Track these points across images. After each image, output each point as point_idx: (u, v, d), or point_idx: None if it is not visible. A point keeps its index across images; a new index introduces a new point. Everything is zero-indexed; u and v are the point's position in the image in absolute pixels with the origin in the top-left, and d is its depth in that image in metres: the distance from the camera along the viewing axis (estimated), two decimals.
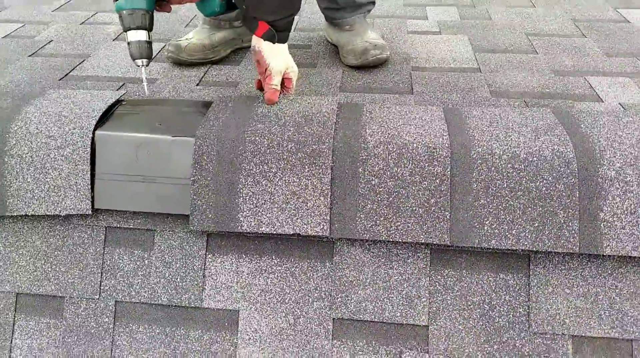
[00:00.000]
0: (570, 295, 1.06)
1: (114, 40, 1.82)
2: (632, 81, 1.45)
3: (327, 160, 1.09)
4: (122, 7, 0.97)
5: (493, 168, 1.06)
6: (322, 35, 1.81)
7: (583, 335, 1.05)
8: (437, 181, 1.06)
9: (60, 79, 1.53)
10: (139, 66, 1.05)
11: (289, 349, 1.11)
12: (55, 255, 1.20)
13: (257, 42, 1.23)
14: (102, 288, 1.18)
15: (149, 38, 1.01)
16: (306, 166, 1.09)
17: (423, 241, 1.06)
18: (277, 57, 1.23)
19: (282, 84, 1.27)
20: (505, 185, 1.05)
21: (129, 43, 1.01)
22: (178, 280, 1.16)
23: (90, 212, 1.15)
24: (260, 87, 1.30)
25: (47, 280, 1.20)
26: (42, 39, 1.84)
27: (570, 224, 1.03)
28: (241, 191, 1.10)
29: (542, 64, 1.58)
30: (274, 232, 1.09)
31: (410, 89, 1.45)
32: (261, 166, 1.10)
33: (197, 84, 1.50)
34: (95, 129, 1.17)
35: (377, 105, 1.25)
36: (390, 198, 1.07)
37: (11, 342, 1.19)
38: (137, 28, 1.00)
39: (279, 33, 1.22)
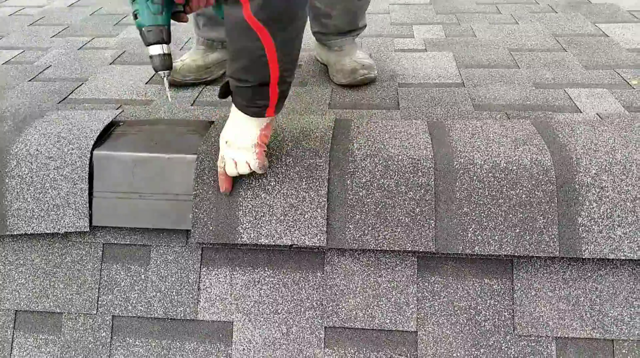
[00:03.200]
0: (552, 297, 1.10)
1: (110, 64, 1.88)
2: (609, 91, 1.51)
3: (324, 173, 1.13)
4: (143, 25, 1.07)
5: (475, 177, 1.10)
6: (312, 55, 1.87)
7: (566, 336, 1.08)
8: (422, 191, 1.11)
9: (59, 103, 1.58)
10: (162, 77, 1.16)
11: None
12: (54, 272, 1.23)
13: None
14: (99, 303, 1.21)
15: (168, 50, 1.11)
16: (303, 179, 1.14)
17: (410, 249, 1.10)
18: None
19: None
20: (486, 193, 1.09)
21: (151, 57, 1.11)
22: (174, 293, 1.19)
23: (88, 229, 1.19)
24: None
25: (46, 297, 1.23)
26: (41, 64, 1.90)
27: (550, 229, 1.07)
28: (241, 204, 1.14)
29: (523, 78, 1.64)
30: (273, 243, 1.13)
31: (397, 104, 1.50)
32: (260, 180, 1.14)
33: (192, 104, 1.55)
34: (93, 149, 1.22)
35: (364, 120, 1.30)
36: (378, 209, 1.11)
37: None
38: (157, 42, 1.09)
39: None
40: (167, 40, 1.11)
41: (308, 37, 1.82)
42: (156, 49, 1.10)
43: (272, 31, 0.92)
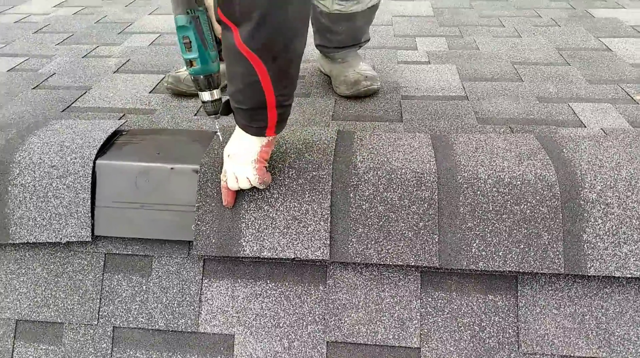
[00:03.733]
0: (557, 315, 1.09)
1: (114, 72, 1.89)
2: (614, 106, 1.51)
3: (327, 186, 1.13)
4: (201, 73, 1.08)
5: (479, 192, 1.10)
6: (316, 66, 1.87)
7: (571, 355, 1.07)
8: (426, 205, 1.10)
9: (62, 111, 1.58)
10: (213, 120, 1.18)
11: None
12: (56, 281, 1.23)
13: None
14: (100, 314, 1.20)
15: (219, 95, 1.12)
16: (307, 192, 1.13)
17: (413, 263, 1.09)
18: None
19: None
20: (491, 208, 1.09)
21: (204, 102, 1.13)
22: (175, 305, 1.18)
23: (90, 239, 1.18)
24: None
25: (47, 307, 1.22)
26: (46, 71, 1.90)
27: (554, 245, 1.06)
28: (244, 216, 1.14)
29: (527, 92, 1.64)
30: (275, 256, 1.12)
31: (400, 117, 1.50)
32: (263, 192, 1.14)
33: (195, 114, 1.55)
34: (96, 159, 1.21)
35: (367, 132, 1.30)
36: (381, 222, 1.11)
37: None
38: (212, 88, 1.11)
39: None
40: (219, 86, 1.12)
41: (311, 49, 1.83)
42: (209, 95, 1.12)
43: (264, 59, 0.90)
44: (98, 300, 1.21)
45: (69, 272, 1.23)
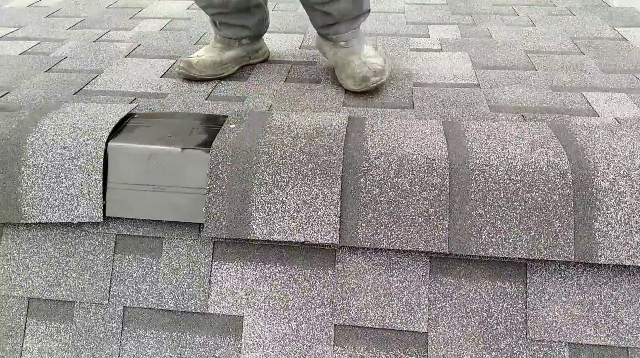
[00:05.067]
0: (566, 302, 1.09)
1: (125, 57, 1.89)
2: (628, 96, 1.49)
3: (338, 171, 1.13)
4: None
5: (490, 179, 1.09)
6: None
7: (579, 342, 1.07)
8: (436, 191, 1.10)
9: (74, 94, 1.59)
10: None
11: (292, 355, 1.14)
12: (67, 261, 1.24)
13: None
14: (111, 293, 1.22)
15: None
16: (317, 176, 1.13)
17: (422, 249, 1.09)
18: None
19: None
20: (502, 195, 1.08)
21: None
22: (185, 286, 1.20)
23: (101, 220, 1.20)
24: None
25: (59, 286, 1.24)
26: (58, 55, 1.91)
27: (565, 233, 1.06)
28: (254, 199, 1.14)
29: (540, 80, 1.62)
30: (285, 240, 1.13)
31: (412, 104, 1.50)
32: (274, 176, 1.14)
33: (206, 99, 1.55)
34: (108, 141, 1.22)
35: (378, 118, 1.30)
36: (391, 208, 1.11)
37: (22, 346, 1.23)
38: None
39: None
40: None
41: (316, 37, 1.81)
42: None
43: None
44: (109, 280, 1.22)
45: (80, 252, 1.24)
